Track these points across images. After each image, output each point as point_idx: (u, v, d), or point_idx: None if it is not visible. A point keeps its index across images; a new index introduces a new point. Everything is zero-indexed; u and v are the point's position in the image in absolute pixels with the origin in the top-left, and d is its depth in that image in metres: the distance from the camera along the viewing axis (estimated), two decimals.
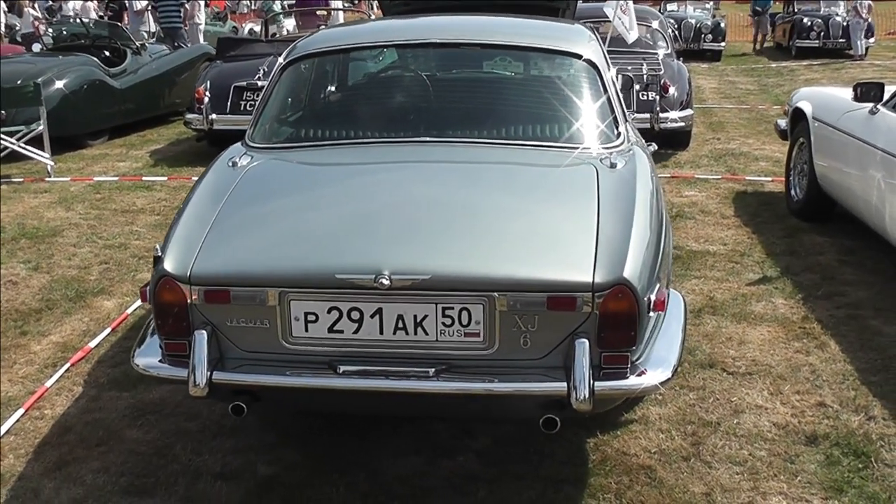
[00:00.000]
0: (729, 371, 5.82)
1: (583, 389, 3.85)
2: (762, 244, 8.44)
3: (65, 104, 13.92)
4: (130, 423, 5.35)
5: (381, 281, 3.87)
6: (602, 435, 5.06)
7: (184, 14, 21.98)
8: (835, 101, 8.49)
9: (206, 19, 28.30)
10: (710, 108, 17.43)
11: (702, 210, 9.71)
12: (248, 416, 4.33)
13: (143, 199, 10.83)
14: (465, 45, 6.06)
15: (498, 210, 4.54)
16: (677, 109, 12.61)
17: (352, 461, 4.89)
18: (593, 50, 5.77)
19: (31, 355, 6.32)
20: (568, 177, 4.89)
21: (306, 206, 4.78)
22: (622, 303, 3.93)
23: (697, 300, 7.01)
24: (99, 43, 16.69)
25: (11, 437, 5.25)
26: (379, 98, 6.27)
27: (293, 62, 5.91)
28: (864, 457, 4.83)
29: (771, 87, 20.52)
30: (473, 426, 5.15)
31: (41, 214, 10.18)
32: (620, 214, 4.34)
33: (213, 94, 13.18)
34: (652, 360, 4.17)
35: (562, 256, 4.11)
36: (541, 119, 5.48)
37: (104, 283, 7.78)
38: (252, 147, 5.39)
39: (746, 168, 11.94)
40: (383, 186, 4.92)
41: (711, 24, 29.61)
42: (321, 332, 4.08)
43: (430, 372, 4.03)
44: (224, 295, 4.11)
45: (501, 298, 3.93)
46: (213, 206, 4.59)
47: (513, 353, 4.03)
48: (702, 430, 5.13)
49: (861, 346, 6.15)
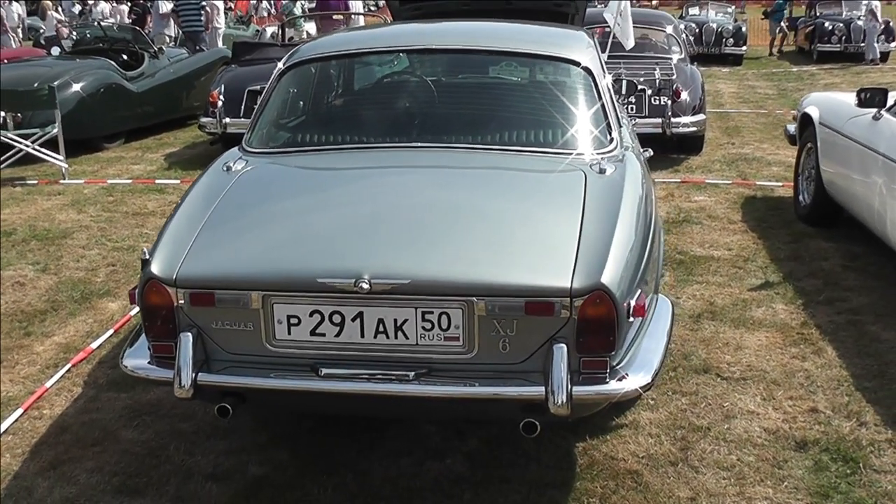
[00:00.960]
0: (723, 376, 5.82)
1: (560, 394, 3.88)
2: (767, 249, 8.43)
3: (81, 107, 13.99)
4: (126, 424, 5.40)
5: (361, 285, 3.91)
6: (591, 439, 5.08)
7: (205, 18, 22.05)
8: (841, 107, 8.48)
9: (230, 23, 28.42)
10: (727, 113, 17.38)
11: (709, 215, 9.70)
12: (242, 417, 4.38)
13: (154, 202, 10.90)
14: (459, 51, 6.12)
15: (482, 215, 4.57)
16: (689, 114, 12.59)
17: (341, 462, 4.93)
18: (590, 57, 5.79)
19: (34, 356, 6.39)
20: (556, 182, 4.92)
21: (294, 211, 4.82)
22: (600, 308, 3.95)
23: (697, 305, 7.02)
24: (117, 46, 16.78)
25: (9, 436, 5.31)
26: (372, 103, 6.34)
27: (292, 67, 5.96)
28: (853, 462, 4.84)
29: (790, 92, 20.42)
30: (463, 428, 5.18)
31: (53, 216, 10.27)
32: (604, 219, 4.36)
33: (228, 98, 13.25)
34: (634, 365, 4.19)
35: (542, 261, 4.13)
36: (534, 124, 5.51)
37: (110, 284, 7.85)
38: (248, 151, 5.44)
39: (758, 173, 11.92)
40: (372, 191, 4.97)
41: (733, 28, 29.49)
42: (303, 335, 4.12)
43: (409, 375, 4.06)
44: (209, 298, 4.16)
45: (480, 303, 3.96)
46: (204, 210, 4.65)
47: (492, 357, 4.06)
48: (691, 434, 5.14)
49: (858, 351, 6.14)
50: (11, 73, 14.13)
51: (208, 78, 15.93)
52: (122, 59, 16.08)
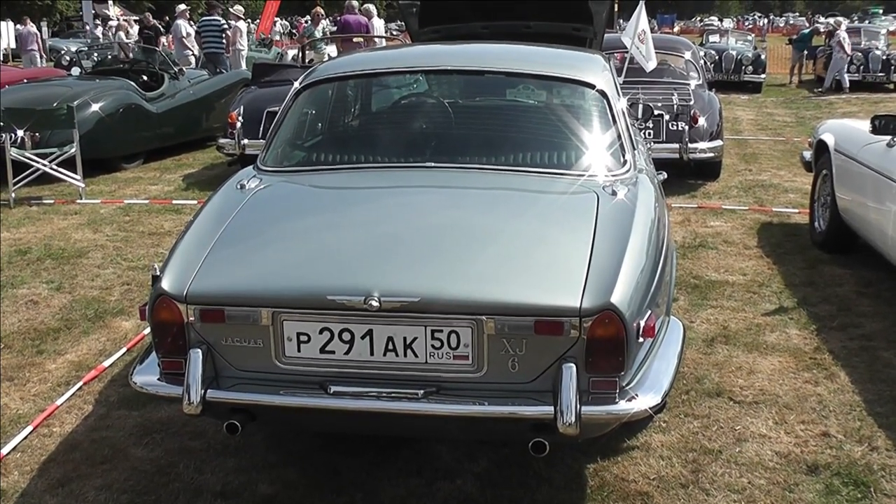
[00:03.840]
0: (736, 400, 5.80)
1: (569, 414, 3.87)
2: (782, 275, 8.41)
3: (100, 127, 14.05)
4: (136, 442, 5.40)
5: (371, 303, 3.92)
6: (602, 461, 5.06)
7: (226, 40, 22.20)
8: (856, 134, 8.47)
9: (252, 45, 28.57)
10: (745, 140, 17.38)
11: (725, 240, 9.68)
12: (252, 436, 4.37)
13: (171, 222, 10.93)
14: (474, 73, 6.14)
15: (493, 235, 4.58)
16: (707, 140, 12.57)
17: (351, 481, 4.91)
18: (606, 80, 5.80)
19: (46, 374, 6.39)
20: (568, 203, 4.92)
21: (305, 229, 4.85)
22: (609, 328, 3.95)
23: (711, 329, 7.00)
24: (137, 67, 16.89)
25: (18, 453, 5.30)
26: (387, 124, 6.37)
27: (308, 86, 5.99)
28: (864, 486, 4.81)
29: (808, 120, 20.39)
30: (474, 448, 5.16)
31: (69, 236, 10.31)
32: (615, 241, 4.36)
33: (246, 119, 13.31)
34: (644, 386, 4.19)
35: (552, 281, 4.14)
36: (548, 146, 5.53)
37: (124, 303, 7.86)
38: (262, 170, 5.47)
39: (775, 199, 11.90)
40: (384, 210, 4.99)
41: (752, 55, 29.58)
42: (313, 352, 4.13)
43: (419, 393, 4.06)
44: (219, 314, 4.17)
45: (489, 322, 3.97)
46: (216, 228, 4.66)
47: (502, 376, 4.06)
48: (703, 457, 5.12)
49: (871, 377, 6.11)
50: (31, 93, 14.26)
51: (228, 99, 15.96)
52: (142, 79, 16.15)
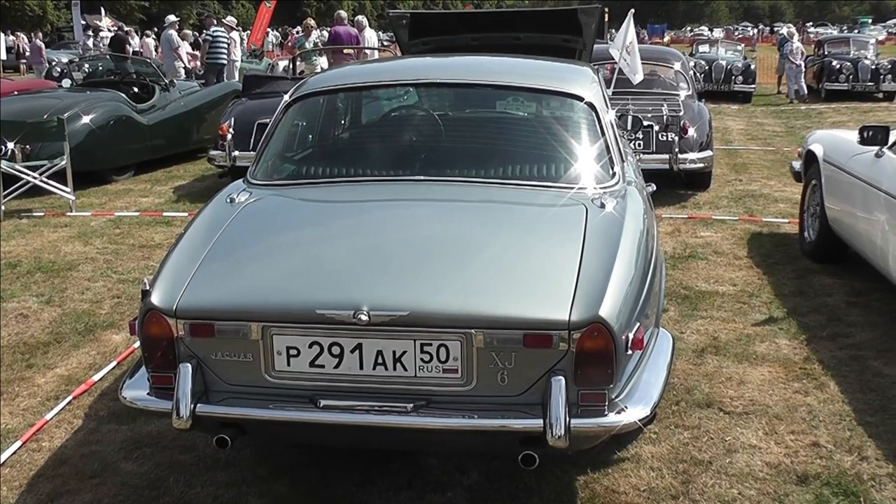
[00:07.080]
0: (726, 410, 5.81)
1: (559, 427, 3.88)
2: (771, 285, 8.42)
3: (90, 139, 14.04)
4: (126, 456, 5.39)
5: (360, 317, 3.93)
6: (592, 472, 5.06)
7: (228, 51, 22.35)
8: (844, 144, 8.49)
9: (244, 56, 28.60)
10: (735, 150, 17.40)
11: (715, 251, 9.70)
12: (243, 450, 4.37)
13: (161, 235, 10.92)
14: (463, 86, 6.15)
15: (482, 248, 4.58)
16: (696, 150, 12.58)
17: (341, 495, 4.91)
18: (594, 92, 5.82)
19: (35, 388, 6.37)
20: (557, 216, 4.92)
21: (295, 243, 4.85)
22: (598, 341, 3.96)
23: (701, 340, 7.00)
24: (128, 79, 16.88)
25: (7, 469, 5.29)
26: (377, 137, 6.37)
27: (298, 99, 6.00)
28: (854, 496, 4.82)
29: (798, 130, 20.43)
30: (464, 461, 5.16)
31: (59, 248, 10.29)
32: (604, 253, 4.38)
33: (237, 131, 13.27)
34: (633, 398, 4.20)
35: (540, 294, 4.14)
36: (537, 159, 5.53)
37: (115, 317, 7.85)
38: (252, 184, 5.47)
39: (765, 209, 11.93)
40: (374, 224, 5.00)
41: (742, 65, 29.67)
42: (303, 366, 4.13)
43: (408, 407, 4.07)
44: (209, 329, 4.18)
45: (478, 335, 3.98)
46: (206, 242, 4.67)
47: (491, 389, 4.07)
48: (693, 468, 5.12)
49: (861, 386, 6.13)
50: (21, 105, 14.23)
51: (219, 111, 15.95)
52: (132, 91, 16.13)
